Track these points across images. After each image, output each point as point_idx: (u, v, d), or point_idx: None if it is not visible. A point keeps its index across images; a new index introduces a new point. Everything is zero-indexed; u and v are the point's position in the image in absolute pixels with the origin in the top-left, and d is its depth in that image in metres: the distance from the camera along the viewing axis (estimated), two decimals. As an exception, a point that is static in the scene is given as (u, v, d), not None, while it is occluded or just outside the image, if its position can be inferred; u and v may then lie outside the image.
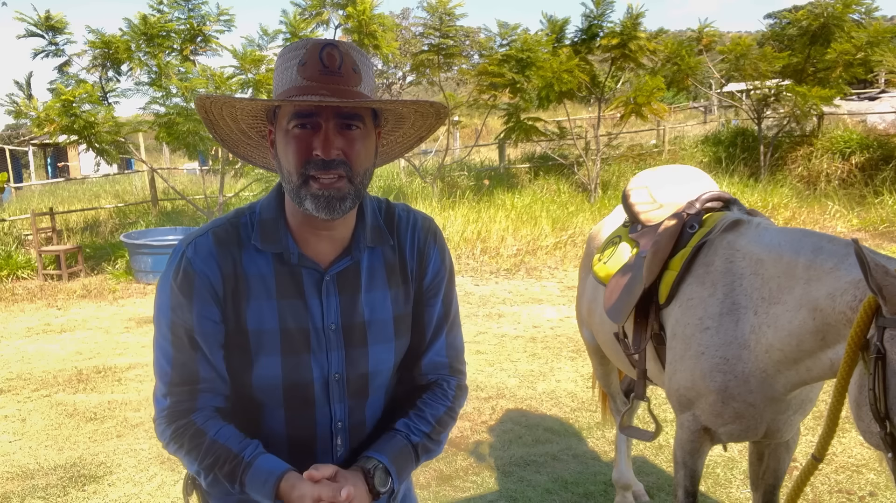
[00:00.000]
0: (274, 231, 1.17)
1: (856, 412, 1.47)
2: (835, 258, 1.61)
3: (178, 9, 10.24)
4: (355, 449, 1.24)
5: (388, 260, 1.24)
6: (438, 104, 1.16)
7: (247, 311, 1.15)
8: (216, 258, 1.15)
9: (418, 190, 12.96)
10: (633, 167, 13.82)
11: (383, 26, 11.17)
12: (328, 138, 1.07)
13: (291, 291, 1.16)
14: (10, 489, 3.60)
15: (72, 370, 5.68)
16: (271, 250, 1.16)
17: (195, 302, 1.13)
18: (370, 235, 1.22)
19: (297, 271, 1.17)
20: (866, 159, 12.75)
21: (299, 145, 1.09)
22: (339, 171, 1.08)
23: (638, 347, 2.24)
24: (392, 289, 1.23)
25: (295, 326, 1.16)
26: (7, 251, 9.96)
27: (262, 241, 1.16)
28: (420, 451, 1.24)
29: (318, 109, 1.07)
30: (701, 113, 24.01)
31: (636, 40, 11.87)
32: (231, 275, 1.15)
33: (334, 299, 1.18)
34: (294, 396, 1.18)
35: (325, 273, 1.18)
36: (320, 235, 1.17)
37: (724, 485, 3.27)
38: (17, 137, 26.86)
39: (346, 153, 1.09)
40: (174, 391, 1.17)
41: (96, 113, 9.84)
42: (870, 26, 12.34)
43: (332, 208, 1.09)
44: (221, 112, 1.17)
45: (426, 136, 1.30)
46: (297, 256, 1.16)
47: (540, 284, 8.25)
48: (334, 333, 1.18)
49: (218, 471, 1.12)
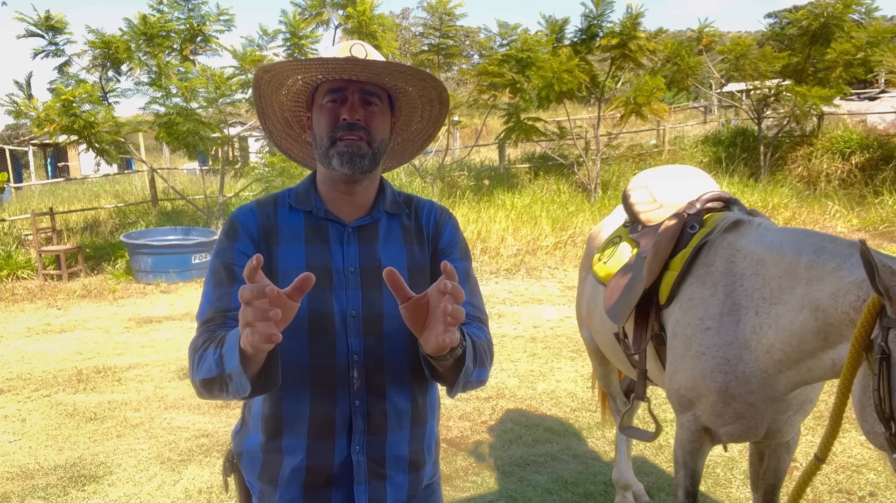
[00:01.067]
0: (306, 195, 1.40)
1: (860, 413, 1.46)
2: (837, 258, 1.61)
3: (178, 9, 10.25)
4: (370, 386, 1.34)
5: (405, 225, 1.43)
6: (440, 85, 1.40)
7: (278, 254, 1.35)
8: (255, 213, 1.38)
9: (418, 190, 12.95)
10: (633, 167, 13.83)
11: (383, 26, 11.17)
12: (353, 106, 1.32)
13: (317, 238, 1.37)
14: (10, 489, 3.60)
15: (72, 370, 5.68)
16: (303, 208, 1.39)
17: (236, 242, 1.35)
18: (389, 204, 1.43)
19: (323, 224, 1.38)
20: (866, 159, 12.75)
21: (330, 114, 1.33)
22: (359, 133, 1.31)
23: (638, 348, 2.24)
24: (407, 244, 1.42)
25: (319, 265, 1.33)
26: (7, 251, 9.96)
27: (296, 201, 1.40)
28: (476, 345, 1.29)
29: (346, 85, 1.33)
30: (701, 113, 24.01)
31: (636, 40, 11.87)
32: (267, 225, 1.37)
33: (354, 247, 1.37)
34: (317, 326, 1.32)
35: (347, 226, 1.38)
36: (345, 199, 1.39)
37: (724, 485, 3.27)
38: (17, 137, 26.86)
39: (366, 121, 1.33)
40: (208, 322, 1.30)
41: (96, 113, 9.84)
42: (870, 26, 12.35)
43: (354, 163, 1.31)
44: (271, 99, 1.42)
45: (434, 132, 1.52)
46: (323, 211, 1.38)
47: (540, 284, 8.25)
48: (353, 275, 1.35)
49: (212, 343, 1.20)
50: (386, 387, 1.35)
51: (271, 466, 1.35)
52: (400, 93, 1.42)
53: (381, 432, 1.35)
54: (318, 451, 1.32)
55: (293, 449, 1.33)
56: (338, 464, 1.33)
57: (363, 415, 1.33)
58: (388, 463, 1.36)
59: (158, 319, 7.44)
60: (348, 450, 1.33)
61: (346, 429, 1.33)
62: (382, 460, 1.36)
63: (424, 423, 1.43)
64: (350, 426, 1.33)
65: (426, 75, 1.36)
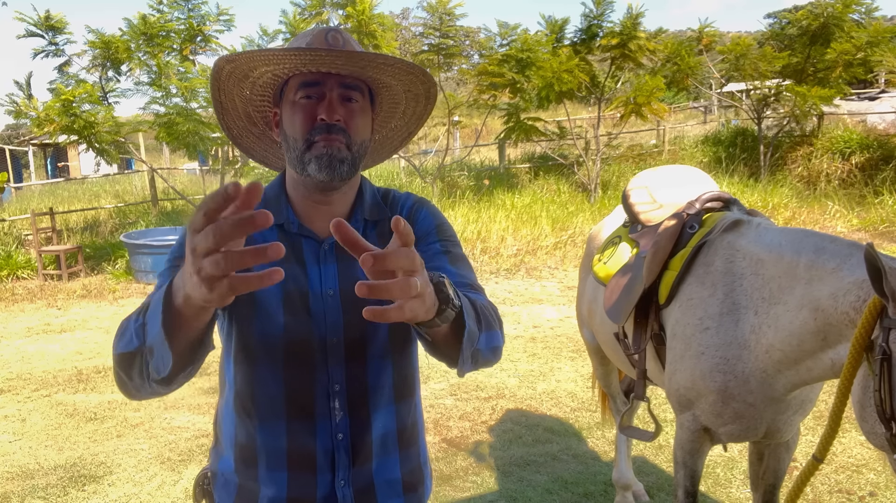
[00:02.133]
0: (276, 204, 1.23)
1: (860, 413, 1.46)
2: (837, 258, 1.61)
3: (177, 9, 10.25)
4: (354, 416, 1.22)
5: (384, 235, 1.27)
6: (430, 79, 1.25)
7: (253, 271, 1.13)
8: None
9: (418, 190, 12.95)
10: (633, 167, 13.82)
11: (383, 26, 11.17)
12: (332, 105, 1.16)
13: (291, 258, 1.21)
14: (10, 489, 3.60)
15: (72, 370, 5.68)
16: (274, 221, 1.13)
17: None
18: (368, 210, 1.27)
19: (297, 240, 1.22)
20: (866, 159, 12.75)
21: (305, 113, 1.16)
22: (339, 136, 1.16)
23: (638, 347, 2.24)
24: None
25: (295, 289, 1.20)
26: (7, 251, 9.96)
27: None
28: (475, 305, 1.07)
29: (323, 78, 1.16)
30: (701, 113, 24.01)
31: (636, 40, 11.87)
32: None
33: (332, 267, 1.22)
34: (293, 354, 1.20)
35: (323, 242, 1.23)
36: (319, 209, 1.23)
37: (724, 485, 3.27)
38: (17, 137, 26.86)
39: (346, 121, 1.17)
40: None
41: (96, 113, 9.84)
42: (870, 26, 12.34)
43: (333, 168, 1.15)
44: (232, 93, 1.24)
45: (415, 129, 1.37)
46: (296, 226, 1.23)
47: (540, 284, 8.25)
48: (332, 298, 1.21)
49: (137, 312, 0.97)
50: (371, 416, 1.24)
51: (247, 494, 1.23)
52: (382, 87, 1.27)
53: (368, 461, 1.24)
54: (299, 484, 1.21)
55: (271, 481, 1.21)
56: (321, 496, 1.21)
57: (346, 449, 1.22)
58: (380, 490, 1.26)
59: (158, 319, 7.44)
60: (332, 484, 1.22)
61: (329, 464, 1.21)
62: (372, 488, 1.25)
63: (417, 441, 1.33)
64: (333, 460, 1.21)
65: (415, 68, 1.22)
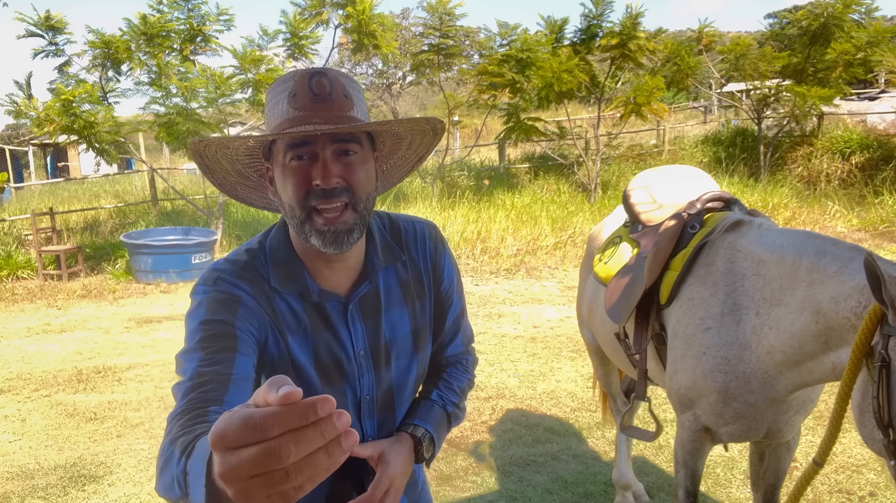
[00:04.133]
0: (290, 271, 1.16)
1: (859, 419, 1.46)
2: (838, 262, 1.60)
3: (177, 9, 10.24)
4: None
5: (401, 278, 1.26)
6: (434, 119, 1.16)
7: (290, 345, 1.15)
8: (251, 292, 1.13)
9: (418, 190, 12.95)
10: (633, 167, 13.82)
11: (383, 26, 11.16)
12: (326, 166, 1.06)
13: (320, 325, 1.18)
14: (10, 489, 3.60)
15: (72, 370, 5.68)
16: (292, 291, 1.16)
17: (236, 317, 1.09)
18: (382, 255, 1.23)
19: (321, 306, 1.18)
20: (866, 159, 12.75)
21: (297, 178, 1.07)
22: (342, 199, 1.07)
23: (639, 347, 2.24)
24: (408, 305, 1.27)
25: (328, 358, 1.18)
26: (7, 251, 9.96)
27: (281, 284, 1.15)
28: (451, 419, 1.36)
29: (313, 139, 1.06)
30: (701, 113, 24.00)
31: (636, 40, 11.87)
32: (268, 306, 1.14)
33: (360, 326, 1.21)
34: None
35: (349, 302, 1.19)
36: (334, 267, 1.18)
37: (724, 485, 3.27)
38: (17, 137, 26.85)
39: (346, 179, 1.07)
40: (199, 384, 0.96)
41: (96, 113, 9.84)
42: (870, 26, 12.34)
43: (340, 242, 1.09)
44: (216, 155, 1.16)
45: (426, 155, 1.29)
46: (317, 293, 1.17)
47: (540, 284, 8.24)
48: (364, 359, 1.21)
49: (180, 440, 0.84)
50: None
51: None
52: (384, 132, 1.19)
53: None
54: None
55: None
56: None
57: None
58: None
59: (158, 319, 7.44)
60: None
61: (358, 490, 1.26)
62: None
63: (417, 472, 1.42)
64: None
65: (419, 122, 1.14)
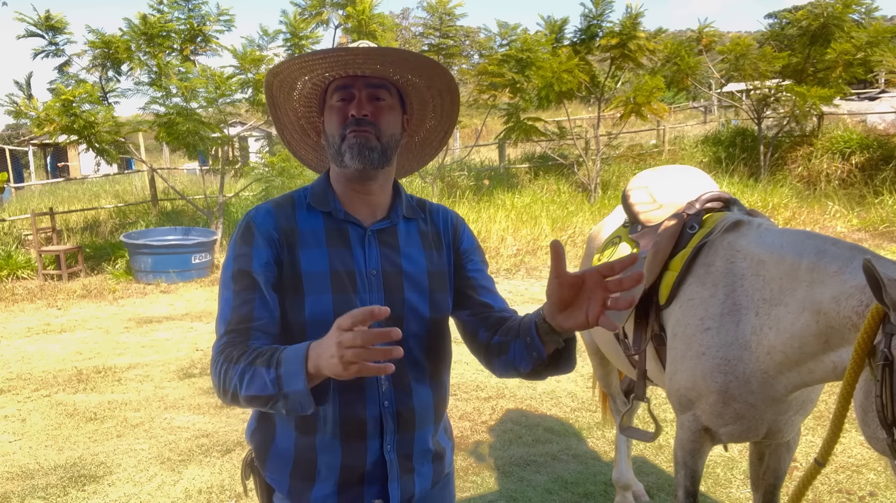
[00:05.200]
0: (324, 195, 1.41)
1: (861, 418, 1.46)
2: (839, 261, 1.60)
3: (178, 9, 10.24)
4: (397, 387, 1.38)
5: (422, 230, 1.47)
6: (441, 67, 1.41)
7: (301, 258, 1.35)
8: (274, 215, 1.38)
9: (418, 190, 12.95)
10: (633, 167, 13.82)
11: (383, 26, 11.17)
12: (360, 102, 1.34)
13: (338, 242, 1.38)
14: (10, 489, 3.60)
15: (72, 370, 5.68)
16: (322, 209, 1.40)
17: (255, 247, 1.33)
18: (406, 209, 1.46)
19: (343, 226, 1.39)
20: (866, 159, 12.75)
21: (340, 113, 1.36)
22: (367, 128, 1.33)
23: (638, 348, 2.24)
24: (426, 250, 1.45)
25: (343, 269, 1.36)
26: (7, 251, 9.96)
27: (314, 201, 1.40)
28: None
29: (353, 81, 1.35)
30: (701, 113, 24.00)
31: (636, 40, 11.87)
32: (287, 228, 1.36)
33: (375, 250, 1.39)
34: None
35: (367, 229, 1.40)
36: (361, 199, 1.41)
37: (724, 485, 3.27)
38: (17, 137, 26.86)
39: (374, 117, 1.34)
40: (231, 331, 1.29)
41: (96, 113, 9.84)
42: (870, 26, 12.35)
43: (363, 155, 1.32)
44: (286, 106, 1.46)
45: (448, 128, 1.54)
46: (343, 213, 1.39)
47: (540, 284, 8.24)
48: (375, 278, 1.38)
49: (258, 361, 1.18)
50: (411, 385, 1.40)
51: (305, 464, 1.38)
52: (409, 87, 1.43)
53: (411, 429, 1.40)
54: (352, 451, 1.36)
55: (326, 447, 1.36)
56: (371, 462, 1.37)
57: (393, 414, 1.37)
58: (416, 457, 1.42)
59: (158, 319, 7.44)
60: (380, 449, 1.37)
61: (378, 430, 1.36)
62: (411, 455, 1.41)
63: (443, 416, 1.50)
64: (381, 426, 1.37)
65: (428, 61, 1.37)
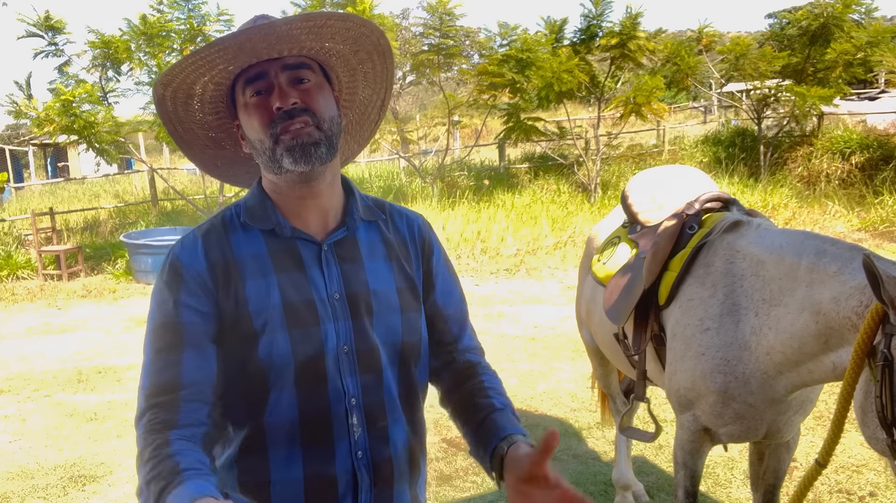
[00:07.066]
0: (261, 209, 1.15)
1: (861, 418, 1.46)
2: (838, 262, 1.60)
3: (178, 9, 10.24)
4: (372, 432, 1.15)
5: (385, 235, 1.22)
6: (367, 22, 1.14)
7: (245, 293, 1.10)
8: (201, 246, 1.12)
9: (418, 190, 12.95)
10: (633, 167, 13.82)
11: (383, 26, 11.16)
12: (282, 90, 1.08)
13: (289, 265, 1.13)
14: (10, 489, 3.60)
15: (72, 370, 5.68)
16: (261, 227, 1.14)
17: (182, 293, 1.08)
18: (362, 210, 1.21)
19: (292, 245, 1.14)
20: (866, 159, 12.74)
21: (259, 110, 1.10)
22: (303, 119, 1.08)
23: (638, 348, 2.24)
24: (393, 261, 1.21)
25: (298, 299, 1.12)
26: (7, 251, 9.97)
27: (250, 218, 1.15)
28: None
29: (265, 67, 1.09)
30: (701, 113, 24.01)
31: (635, 40, 11.87)
32: (220, 261, 1.11)
33: (335, 268, 1.15)
34: (306, 372, 1.10)
35: (322, 243, 1.15)
36: (307, 204, 1.15)
37: (724, 485, 3.27)
38: (17, 137, 26.85)
39: (304, 102, 1.09)
40: (152, 406, 1.04)
41: (96, 113, 9.84)
42: (870, 26, 12.34)
43: (308, 154, 1.08)
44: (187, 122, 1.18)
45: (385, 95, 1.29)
46: (289, 229, 1.14)
47: (540, 284, 8.24)
48: (339, 303, 1.14)
49: (152, 487, 0.94)
50: (388, 430, 1.18)
51: None
52: (332, 57, 1.17)
53: (388, 485, 1.17)
54: None
55: None
56: None
57: (367, 467, 1.14)
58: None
59: (158, 319, 7.44)
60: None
61: (351, 488, 1.14)
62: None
63: (419, 466, 1.26)
64: (355, 484, 1.14)
65: (347, 18, 1.10)
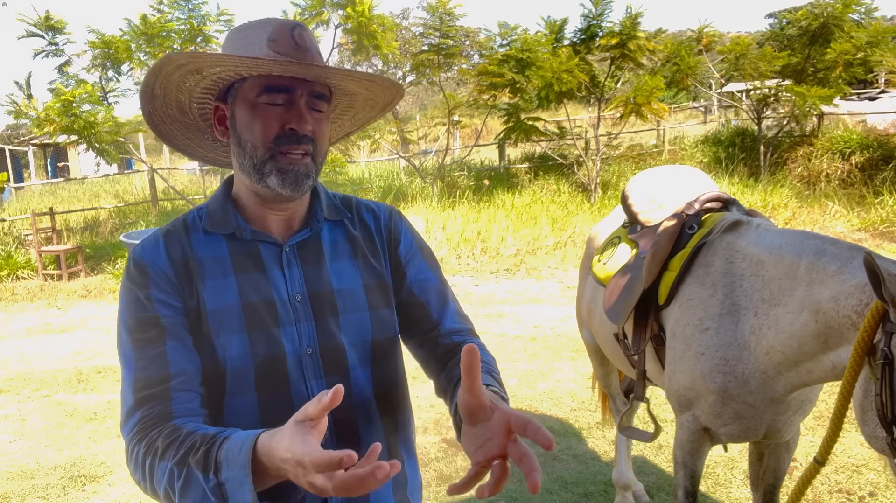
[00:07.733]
0: (223, 216, 1.14)
1: (861, 417, 1.46)
2: (838, 261, 1.61)
3: (178, 9, 10.26)
4: (341, 436, 1.10)
5: (350, 233, 1.21)
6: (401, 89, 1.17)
7: (204, 293, 1.08)
8: (163, 246, 1.10)
9: (418, 190, 12.96)
10: (633, 167, 13.82)
11: (383, 26, 11.17)
12: (303, 114, 1.07)
13: (249, 266, 1.12)
14: (10, 489, 3.60)
15: (72, 370, 5.68)
16: (222, 232, 1.13)
17: (151, 289, 1.07)
18: (327, 209, 1.20)
19: (253, 247, 1.13)
20: (866, 159, 12.75)
21: (271, 119, 1.07)
22: (305, 147, 1.08)
23: (637, 348, 2.24)
24: (359, 259, 1.20)
25: (258, 299, 1.10)
26: (7, 251, 9.97)
27: (212, 224, 1.13)
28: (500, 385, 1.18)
29: (294, 84, 1.06)
30: (701, 113, 24.01)
31: (635, 40, 11.88)
32: (181, 260, 1.10)
33: (297, 269, 1.14)
34: (267, 375, 1.08)
35: (284, 245, 1.14)
36: (274, 216, 1.15)
37: (724, 485, 3.27)
38: (17, 137, 26.85)
39: (314, 130, 1.09)
40: (143, 399, 1.02)
41: (96, 113, 9.85)
42: (870, 26, 12.35)
43: (298, 183, 1.08)
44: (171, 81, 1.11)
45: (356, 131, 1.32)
46: (250, 232, 1.13)
47: (540, 284, 8.24)
48: (301, 304, 1.12)
49: (192, 460, 0.93)
50: (360, 435, 1.13)
51: None
52: (346, 94, 1.20)
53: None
54: None
55: None
56: None
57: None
58: None
59: (158, 319, 7.44)
60: None
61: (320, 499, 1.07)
62: None
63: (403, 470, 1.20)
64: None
65: (395, 85, 1.15)
